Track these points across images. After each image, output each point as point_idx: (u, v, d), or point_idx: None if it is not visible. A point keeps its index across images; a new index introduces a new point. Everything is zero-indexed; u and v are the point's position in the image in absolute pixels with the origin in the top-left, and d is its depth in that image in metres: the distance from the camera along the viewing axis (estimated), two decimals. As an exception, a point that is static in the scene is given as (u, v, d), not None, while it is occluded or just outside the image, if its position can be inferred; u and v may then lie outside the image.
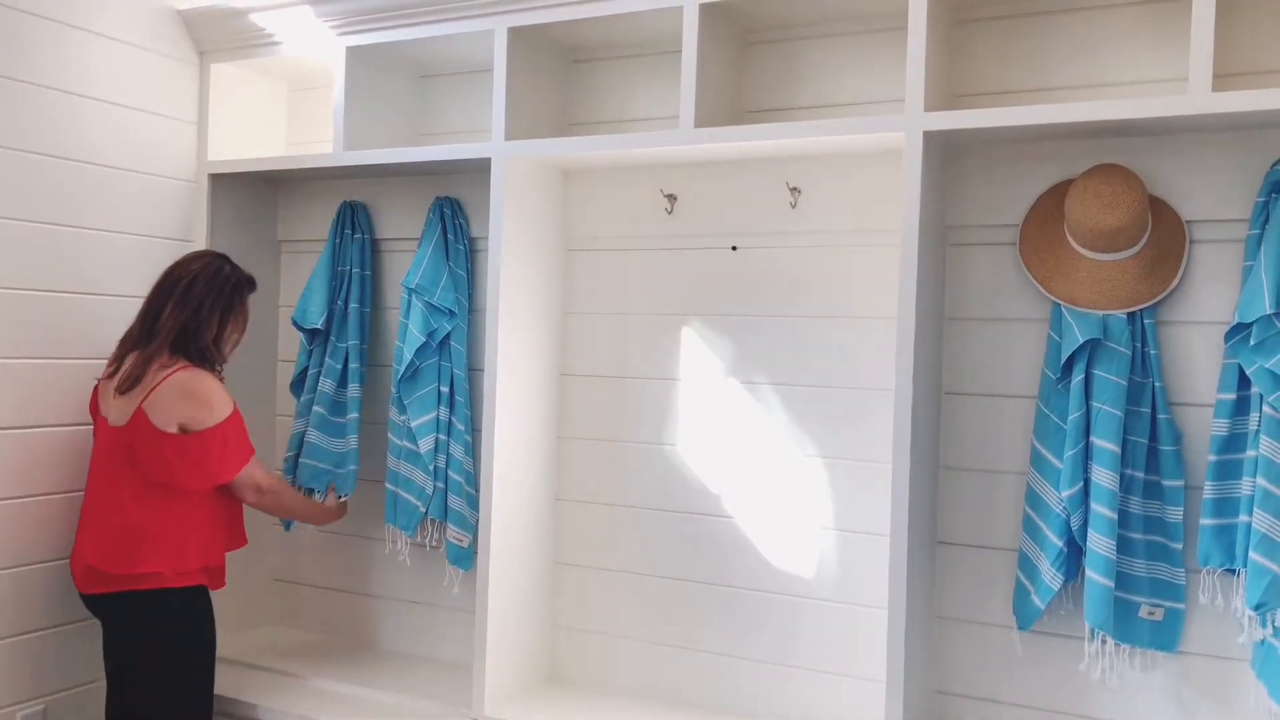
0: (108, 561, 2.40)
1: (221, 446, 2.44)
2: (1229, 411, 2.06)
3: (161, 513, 2.42)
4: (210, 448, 2.42)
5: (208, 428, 2.41)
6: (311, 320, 2.91)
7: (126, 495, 2.41)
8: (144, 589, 2.40)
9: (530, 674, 2.79)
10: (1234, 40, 2.13)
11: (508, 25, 2.57)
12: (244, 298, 2.57)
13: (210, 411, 2.42)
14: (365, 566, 3.13)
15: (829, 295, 2.53)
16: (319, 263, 2.98)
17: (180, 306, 2.45)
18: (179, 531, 2.44)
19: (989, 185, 2.34)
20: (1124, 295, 2.16)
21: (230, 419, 2.45)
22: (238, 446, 2.48)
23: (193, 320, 2.45)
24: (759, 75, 2.60)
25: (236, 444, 2.48)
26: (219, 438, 2.43)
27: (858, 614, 2.49)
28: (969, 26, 2.38)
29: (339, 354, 2.92)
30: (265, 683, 2.85)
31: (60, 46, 2.65)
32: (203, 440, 2.41)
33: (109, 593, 2.42)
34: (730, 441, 2.64)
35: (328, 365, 2.92)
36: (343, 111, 2.82)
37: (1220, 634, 2.15)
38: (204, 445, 2.42)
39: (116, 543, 2.41)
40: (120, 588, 2.41)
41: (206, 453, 2.42)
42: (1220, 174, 2.14)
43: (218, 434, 2.43)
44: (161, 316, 2.45)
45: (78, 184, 2.70)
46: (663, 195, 2.69)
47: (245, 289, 2.58)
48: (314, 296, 2.93)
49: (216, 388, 2.46)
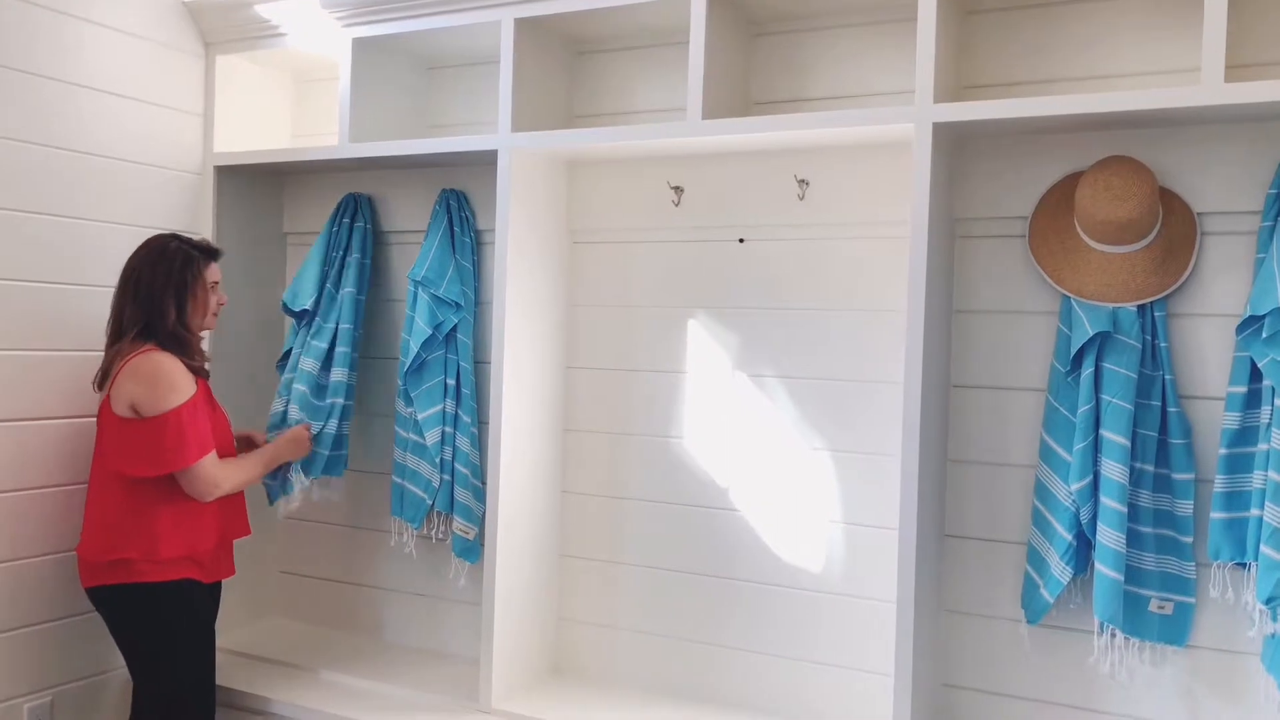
0: (90, 551, 2.44)
1: (177, 433, 2.36)
2: (1240, 405, 2.05)
3: (129, 500, 2.40)
4: (164, 433, 2.35)
5: (160, 412, 2.35)
6: (300, 302, 2.89)
7: (98, 486, 2.45)
8: (124, 582, 2.41)
9: (536, 667, 2.79)
10: (1246, 31, 2.11)
11: (515, 16, 2.56)
12: (198, 270, 2.48)
13: (160, 394, 2.35)
14: (371, 559, 3.13)
15: (836, 288, 2.52)
16: (312, 249, 2.97)
17: (136, 302, 2.43)
18: (148, 519, 2.39)
19: (998, 177, 2.33)
20: (1134, 288, 2.15)
21: (186, 405, 2.38)
22: (195, 435, 2.39)
23: (154, 311, 2.42)
24: (765, 67, 2.59)
25: (194, 433, 2.39)
26: (173, 423, 2.36)
27: (865, 607, 2.49)
28: (978, 17, 2.37)
29: (324, 334, 2.86)
30: (272, 675, 2.85)
31: (64, 38, 2.64)
32: (153, 425, 2.36)
33: (97, 586, 2.44)
34: (737, 434, 2.64)
35: (311, 345, 2.86)
36: (349, 103, 2.81)
37: (1230, 628, 2.14)
38: (155, 430, 2.36)
39: (94, 532, 2.45)
40: (103, 580, 2.42)
41: (158, 438, 2.36)
42: (1232, 166, 2.12)
43: (171, 419, 2.36)
44: (124, 317, 2.45)
45: (82, 176, 2.70)
46: (669, 187, 2.68)
47: (198, 260, 2.49)
48: (304, 280, 2.92)
49: (172, 371, 2.38)
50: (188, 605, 2.46)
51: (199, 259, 2.50)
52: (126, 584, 2.41)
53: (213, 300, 2.54)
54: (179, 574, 2.44)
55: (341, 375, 2.86)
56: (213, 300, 2.54)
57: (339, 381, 2.85)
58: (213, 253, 2.56)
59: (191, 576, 2.47)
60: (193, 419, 2.40)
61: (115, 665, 2.75)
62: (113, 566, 2.41)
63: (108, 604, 2.46)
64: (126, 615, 2.45)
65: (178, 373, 2.40)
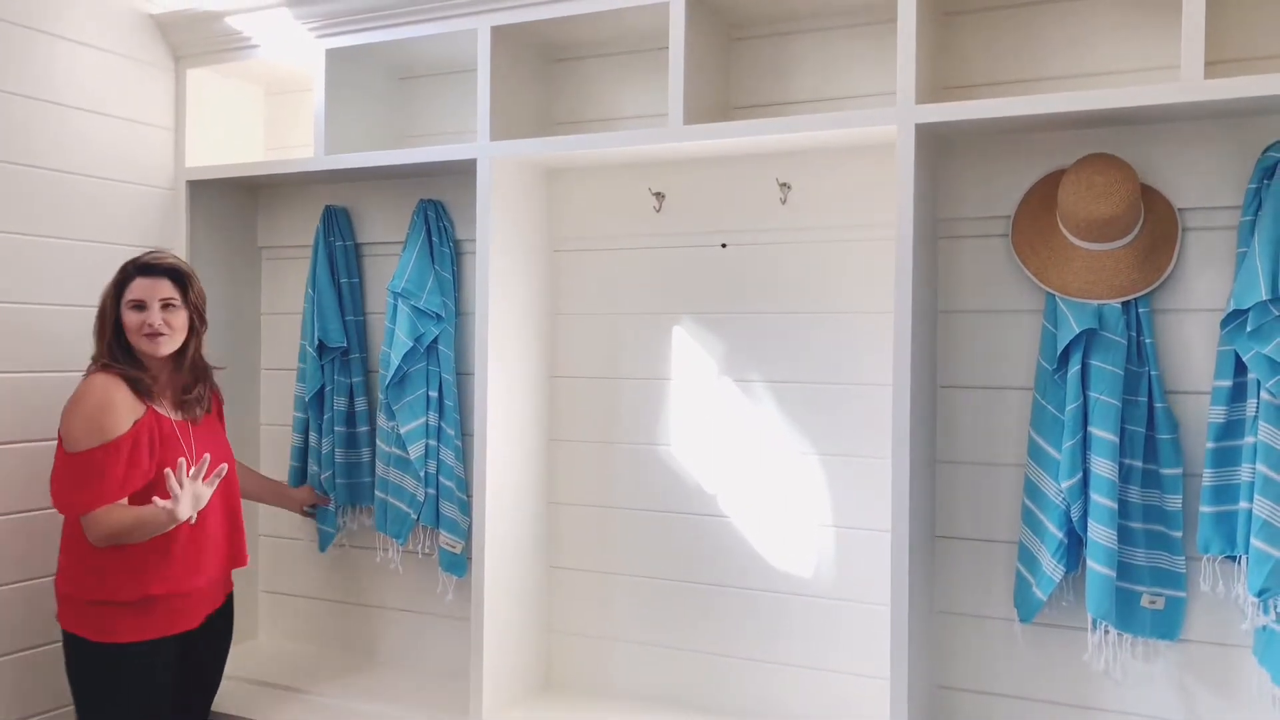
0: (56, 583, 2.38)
1: (81, 473, 2.21)
2: (1226, 398, 2.06)
3: (68, 530, 2.33)
4: (72, 472, 2.23)
5: (72, 451, 2.22)
6: (337, 339, 2.87)
7: None
8: (69, 631, 2.32)
9: (527, 679, 2.76)
10: (1225, 27, 2.13)
11: (490, 24, 2.53)
12: (126, 283, 2.33)
13: (79, 428, 2.22)
14: (357, 576, 3.09)
15: (820, 291, 2.51)
16: (318, 274, 2.90)
17: (95, 330, 2.39)
18: (90, 553, 2.26)
19: (980, 177, 2.33)
20: (1118, 284, 2.16)
21: (97, 451, 2.20)
22: (98, 482, 2.21)
23: (98, 329, 2.36)
24: (745, 71, 2.58)
25: (99, 478, 2.21)
26: (81, 465, 2.21)
27: (857, 611, 2.48)
28: (957, 18, 2.37)
29: (354, 369, 2.92)
30: (260, 697, 2.80)
31: (30, 53, 2.59)
32: (67, 461, 2.24)
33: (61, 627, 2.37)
34: (724, 440, 2.62)
35: (341, 383, 2.91)
36: (323, 115, 2.77)
37: (1222, 621, 2.15)
38: (67, 466, 2.25)
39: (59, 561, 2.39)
40: (62, 622, 2.35)
41: (66, 475, 2.24)
42: (1212, 161, 2.13)
43: (78, 460, 2.22)
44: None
45: (51, 193, 2.65)
46: (650, 193, 2.66)
47: (129, 275, 2.34)
48: (328, 314, 2.87)
49: (100, 403, 2.24)
50: (125, 672, 2.30)
51: (130, 274, 2.34)
52: (69, 634, 2.32)
53: (135, 319, 2.31)
54: (118, 634, 2.29)
55: (364, 405, 2.93)
56: (135, 319, 2.31)
57: (362, 411, 2.93)
58: (144, 267, 2.34)
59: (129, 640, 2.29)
60: (104, 464, 2.20)
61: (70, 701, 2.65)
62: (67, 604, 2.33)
63: (63, 644, 2.36)
64: (70, 665, 2.35)
65: (106, 408, 2.24)
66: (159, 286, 2.34)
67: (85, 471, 2.22)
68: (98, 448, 2.22)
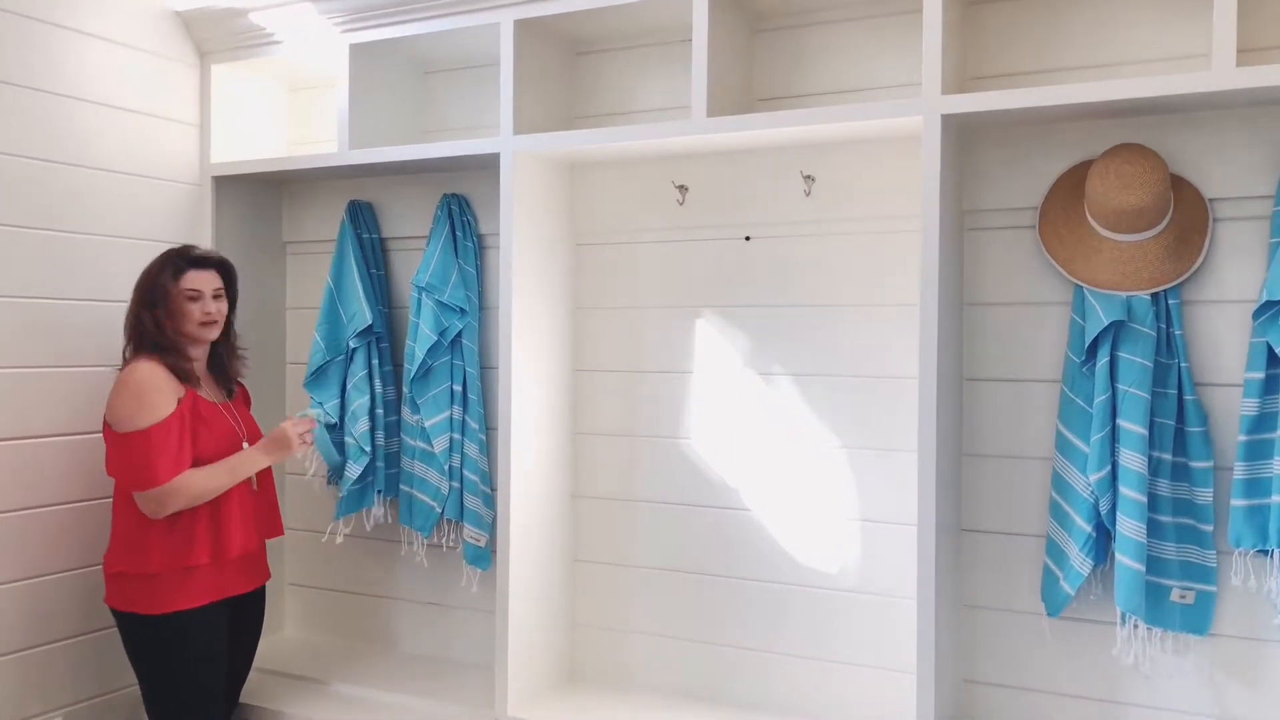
0: (106, 562, 2.45)
1: (143, 453, 2.30)
2: (1258, 390, 2.04)
3: (120, 508, 2.41)
4: (129, 451, 2.31)
5: (126, 432, 2.31)
6: (361, 322, 2.84)
7: (116, 497, 2.45)
8: (123, 611, 2.40)
9: (551, 673, 2.77)
10: (1256, 14, 2.10)
11: (514, 18, 2.53)
12: (168, 276, 2.41)
13: (128, 413, 2.31)
14: (382, 569, 3.10)
15: (845, 283, 2.50)
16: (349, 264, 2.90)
17: (128, 313, 2.45)
18: (138, 529, 2.36)
19: (1007, 168, 2.32)
20: (1148, 276, 2.14)
21: (156, 427, 2.30)
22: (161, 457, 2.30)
23: (135, 321, 2.42)
24: (768, 63, 2.57)
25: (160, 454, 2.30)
26: (138, 443, 2.30)
27: (883, 605, 2.47)
28: (982, 7, 2.35)
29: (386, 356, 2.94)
30: (287, 689, 2.82)
31: (57, 50, 2.61)
32: (122, 441, 2.33)
33: (111, 607, 2.44)
34: (748, 434, 2.62)
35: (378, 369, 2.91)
36: (347, 110, 2.78)
37: (1252, 615, 2.13)
38: (122, 446, 2.33)
39: (110, 543, 2.45)
40: (112, 602, 2.42)
41: (125, 455, 2.33)
42: (1243, 151, 2.11)
43: (137, 440, 2.30)
44: (126, 329, 2.45)
45: (79, 189, 2.67)
46: (673, 186, 2.66)
47: (169, 268, 2.42)
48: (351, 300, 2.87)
49: (147, 389, 2.32)
50: (178, 641, 2.39)
51: (169, 267, 2.42)
52: (124, 613, 2.40)
53: (193, 309, 2.41)
54: (173, 604, 2.37)
55: (394, 394, 2.94)
56: (193, 309, 2.41)
57: (391, 402, 2.93)
58: (197, 260, 2.46)
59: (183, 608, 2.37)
60: (162, 440, 2.31)
61: (126, 683, 2.71)
62: (117, 583, 2.40)
63: (118, 627, 2.45)
64: (128, 644, 2.44)
65: (152, 390, 2.33)
66: (212, 279, 2.47)
67: (147, 447, 2.31)
68: (153, 426, 2.32)
